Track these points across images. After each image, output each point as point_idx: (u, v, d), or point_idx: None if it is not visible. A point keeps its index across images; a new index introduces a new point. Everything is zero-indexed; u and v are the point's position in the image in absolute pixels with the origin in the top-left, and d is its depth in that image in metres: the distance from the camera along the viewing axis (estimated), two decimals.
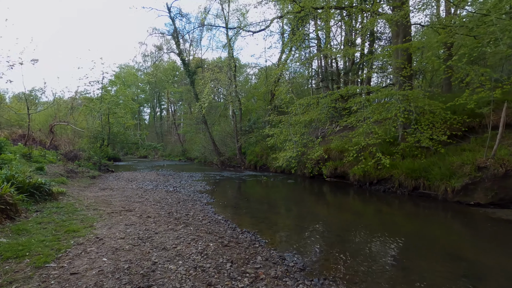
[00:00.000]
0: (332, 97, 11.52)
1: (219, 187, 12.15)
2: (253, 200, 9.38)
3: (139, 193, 9.60)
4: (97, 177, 13.94)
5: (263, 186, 13.03)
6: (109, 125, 28.24)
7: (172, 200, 8.52)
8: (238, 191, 11.46)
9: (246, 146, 22.69)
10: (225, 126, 24.78)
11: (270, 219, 6.94)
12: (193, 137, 33.89)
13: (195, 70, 23.01)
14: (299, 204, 9.04)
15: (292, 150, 10.87)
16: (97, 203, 6.94)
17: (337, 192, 11.47)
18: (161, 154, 39.35)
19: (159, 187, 11.41)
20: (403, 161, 10.97)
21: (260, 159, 20.91)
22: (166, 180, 14.00)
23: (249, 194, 10.79)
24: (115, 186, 11.13)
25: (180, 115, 45.10)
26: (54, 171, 10.91)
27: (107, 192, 9.39)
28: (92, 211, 5.87)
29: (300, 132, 11.44)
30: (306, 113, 12.39)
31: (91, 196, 8.27)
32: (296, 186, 13.40)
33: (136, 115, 50.00)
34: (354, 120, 10.00)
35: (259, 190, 11.79)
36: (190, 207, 7.62)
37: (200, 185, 12.38)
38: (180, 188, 11.35)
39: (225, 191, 11.19)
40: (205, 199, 9.04)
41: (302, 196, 10.94)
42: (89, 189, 9.82)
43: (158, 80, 45.26)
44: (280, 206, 8.70)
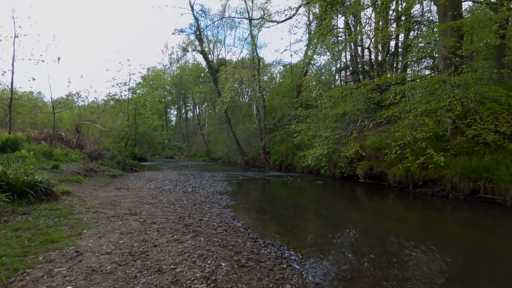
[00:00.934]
0: (367, 87, 9.99)
1: (241, 188, 11.05)
2: (278, 203, 8.14)
3: (154, 193, 8.76)
4: (118, 177, 13.45)
5: (289, 187, 11.74)
6: (136, 125, 28.44)
7: (188, 202, 7.53)
8: (261, 192, 10.28)
9: (270, 145, 21.48)
10: (249, 125, 23.76)
11: (299, 227, 5.68)
12: (217, 137, 33.29)
13: (218, 67, 22.26)
14: (330, 209, 7.66)
15: (322, 147, 9.51)
16: (102, 204, 6.10)
17: (373, 195, 9.89)
18: (186, 155, 39.30)
19: (177, 187, 10.55)
20: (456, 159, 9.18)
21: (285, 159, 19.59)
22: (187, 180, 13.18)
23: (273, 196, 9.57)
24: (132, 186, 10.43)
25: (204, 115, 44.94)
26: (71, 170, 10.45)
27: (120, 192, 8.65)
28: (90, 215, 4.99)
29: (331, 127, 10.03)
30: (337, 106, 10.94)
31: (102, 196, 7.52)
32: (325, 187, 11.95)
33: (163, 116, 50.74)
34: (397, 112, 8.42)
35: (285, 192, 10.52)
36: (206, 211, 6.57)
37: (221, 185, 11.37)
38: (199, 188, 10.40)
39: (248, 193, 10.06)
40: (224, 202, 7.96)
41: (334, 199, 9.51)
42: (103, 189, 9.16)
43: (184, 82, 45.47)
44: (309, 211, 7.38)
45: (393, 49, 17.35)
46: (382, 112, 9.34)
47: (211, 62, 21.79)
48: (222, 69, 25.31)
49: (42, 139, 15.73)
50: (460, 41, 7.89)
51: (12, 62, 11.82)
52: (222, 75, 22.70)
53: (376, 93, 10.28)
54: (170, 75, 48.00)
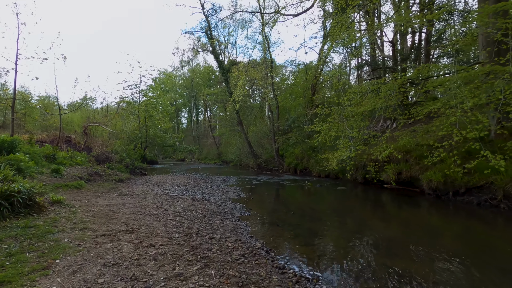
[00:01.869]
0: (398, 81, 8.70)
1: (256, 195, 9.91)
2: (299, 213, 6.95)
3: (160, 201, 7.73)
4: (124, 181, 12.55)
5: (308, 194, 10.52)
6: (146, 127, 27.76)
7: (197, 212, 6.44)
8: (278, 200, 9.11)
9: (284, 147, 20.28)
10: (261, 127, 22.64)
11: (335, 248, 4.49)
12: (229, 140, 32.35)
13: (229, 67, 21.28)
14: (360, 222, 6.41)
15: (348, 148, 8.27)
16: (95, 217, 5.08)
17: (405, 204, 8.56)
18: (197, 157, 38.52)
19: (186, 194, 9.51)
20: (508, 163, 7.76)
21: (300, 162, 18.34)
22: (197, 184, 12.15)
23: (293, 204, 8.39)
24: (137, 192, 9.46)
25: (215, 118, 44.13)
26: (73, 174, 9.57)
27: (123, 200, 7.66)
28: (74, 233, 3.96)
29: (358, 126, 8.77)
30: (364, 102, 9.68)
31: (100, 205, 6.54)
32: (348, 194, 10.67)
33: (175, 119, 50.30)
34: (438, 107, 7.10)
35: (305, 200, 9.31)
36: (218, 224, 5.46)
37: (233, 191, 10.26)
38: (210, 195, 9.32)
39: (263, 200, 8.91)
40: (238, 212, 6.84)
41: (361, 209, 8.22)
42: (105, 195, 8.20)
43: (195, 84, 44.89)
44: (338, 224, 6.15)
45: (416, 43, 15.94)
46: (419, 108, 8.02)
47: (222, 61, 20.85)
48: (234, 69, 24.42)
49: (49, 141, 15.07)
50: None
51: (15, 61, 11.09)
52: (234, 73, 21.76)
53: (409, 88, 8.96)
54: (181, 78, 47.55)
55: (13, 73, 11.18)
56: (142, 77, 27.33)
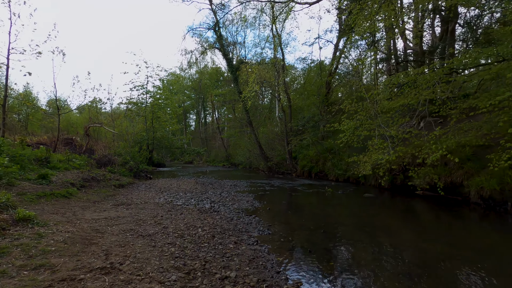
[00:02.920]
0: (439, 71, 7.16)
1: (272, 203, 8.46)
2: (331, 231, 5.47)
3: (160, 213, 6.37)
4: (126, 186, 11.28)
5: (332, 202, 9.01)
6: (153, 129, 26.65)
7: (204, 230, 5.04)
8: (299, 211, 7.63)
9: (297, 149, 18.77)
10: (272, 127, 21.19)
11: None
12: (237, 142, 31.02)
13: (238, 66, 19.97)
14: (406, 242, 4.87)
15: (384, 150, 6.76)
16: (68, 243, 3.73)
17: (454, 217, 6.97)
18: (205, 160, 37.31)
19: (192, 202, 8.14)
20: None
21: (315, 165, 16.81)
22: (204, 191, 10.78)
23: (318, 217, 6.91)
24: (136, 200, 8.14)
25: (224, 119, 42.89)
26: (65, 180, 8.31)
27: (116, 212, 6.32)
28: (19, 278, 2.60)
29: (395, 123, 7.25)
30: (397, 97, 8.16)
31: (86, 220, 5.21)
32: (378, 203, 9.11)
33: (183, 121, 49.33)
34: (500, 99, 5.56)
35: (331, 211, 7.81)
36: (232, 250, 4.05)
37: (246, 199, 8.84)
38: (220, 204, 7.92)
39: (282, 212, 7.45)
40: (255, 229, 5.41)
41: (401, 223, 6.66)
42: (97, 206, 6.89)
43: (203, 86, 43.83)
44: (383, 247, 4.63)
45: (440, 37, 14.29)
46: (472, 101, 6.47)
47: (230, 59, 19.56)
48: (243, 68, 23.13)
49: (49, 144, 13.99)
50: None
51: (7, 55, 9.97)
52: (243, 71, 20.43)
53: (446, 78, 7.37)
54: (189, 80, 46.56)
55: (5, 68, 10.03)
56: (149, 77, 26.30)
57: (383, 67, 15.33)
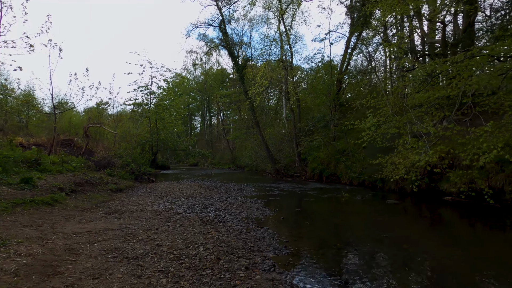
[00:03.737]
0: (483, 58, 6.05)
1: (285, 211, 7.39)
2: (369, 251, 4.38)
3: (156, 225, 5.35)
4: (124, 190, 10.33)
5: (353, 210, 7.89)
6: (158, 131, 25.81)
7: (207, 249, 4.00)
8: (318, 221, 6.54)
9: (306, 151, 17.65)
10: (280, 128, 20.12)
11: None
12: (243, 144, 30.04)
13: (244, 64, 19.00)
14: (454, 261, 3.75)
15: (422, 149, 5.64)
16: (22, 276, 2.75)
17: (503, 229, 5.80)
18: (210, 162, 36.35)
19: (194, 210, 7.11)
20: None
21: (326, 167, 15.67)
22: (209, 195, 9.76)
23: (341, 229, 5.82)
24: (132, 207, 7.15)
25: (229, 121, 41.94)
26: (53, 184, 7.37)
27: (104, 223, 5.33)
28: None
29: (432, 118, 6.14)
30: (425, 90, 7.05)
31: (64, 234, 4.23)
32: (406, 211, 7.97)
33: (188, 123, 48.60)
34: None
35: (353, 220, 6.69)
36: (243, 282, 3.00)
37: (255, 206, 7.78)
38: (226, 212, 6.88)
39: (298, 222, 6.35)
40: (270, 247, 4.34)
41: (439, 235, 5.50)
42: (83, 215, 5.91)
43: (208, 87, 43.06)
44: (432, 272, 3.53)
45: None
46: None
47: (237, 57, 18.62)
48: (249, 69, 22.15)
49: (47, 145, 13.18)
50: None
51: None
52: (249, 73, 19.46)
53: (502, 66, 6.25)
54: (194, 81, 45.84)
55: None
56: (153, 78, 25.51)
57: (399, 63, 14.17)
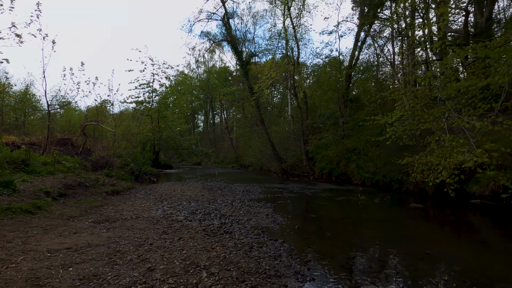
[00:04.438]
0: None
1: (299, 218, 6.48)
2: (418, 277, 3.48)
3: (151, 238, 4.49)
4: (121, 192, 9.50)
5: (374, 215, 6.96)
6: (160, 129, 25.00)
7: (211, 276, 3.11)
8: (341, 231, 5.62)
9: (314, 149, 16.71)
10: (286, 126, 19.19)
11: None
12: (247, 142, 29.15)
13: (249, 59, 18.08)
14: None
15: (465, 149, 4.70)
16: None
17: None
18: (213, 161, 35.54)
19: (196, 217, 6.24)
20: None
21: (336, 167, 14.73)
22: (212, 198, 8.88)
23: (375, 244, 4.91)
24: (126, 214, 6.29)
25: (233, 118, 41.00)
26: (38, 188, 6.54)
27: (89, 236, 4.47)
28: None
29: (472, 110, 5.18)
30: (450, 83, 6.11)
31: (38, 253, 3.38)
32: (434, 217, 7.02)
33: (191, 122, 47.81)
34: None
35: (382, 230, 5.75)
36: None
37: (264, 211, 6.89)
38: (232, 220, 5.99)
39: (317, 232, 5.43)
40: (289, 269, 3.44)
41: (489, 253, 4.58)
42: (68, 225, 5.06)
43: (211, 85, 42.19)
44: None
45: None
46: None
47: (241, 52, 17.69)
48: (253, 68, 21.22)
49: (40, 143, 12.40)
50: None
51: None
52: (253, 69, 18.53)
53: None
54: (197, 79, 44.97)
55: None
56: (155, 75, 24.69)
57: (433, 47, 13.21)
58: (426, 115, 5.74)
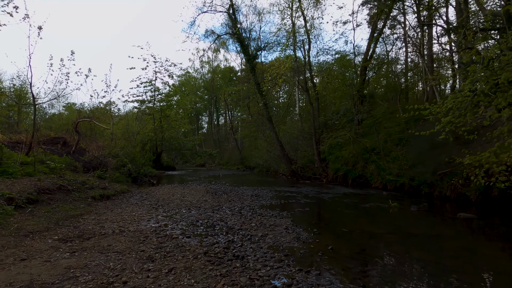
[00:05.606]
0: None
1: (328, 233, 4.99)
2: None
3: (128, 270, 3.06)
4: (112, 197, 8.12)
5: (422, 228, 5.44)
6: (162, 129, 23.74)
7: None
8: (389, 252, 4.14)
9: (326, 150, 15.21)
10: (295, 124, 17.73)
11: None
12: (252, 143, 27.72)
13: (255, 53, 16.72)
14: None
15: None
16: None
17: None
18: (218, 162, 34.14)
19: (197, 231, 4.81)
20: None
21: (352, 168, 13.20)
22: (217, 205, 7.44)
23: (445, 276, 3.42)
24: (107, 227, 4.89)
25: (238, 118, 39.57)
26: (1, 193, 5.17)
27: (39, 267, 3.07)
28: None
29: None
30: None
31: None
32: (495, 230, 5.49)
33: (195, 123, 46.58)
34: None
35: (442, 251, 4.24)
36: None
37: (281, 223, 5.43)
38: (243, 236, 4.54)
39: (361, 258, 3.94)
40: None
41: None
42: (20, 246, 3.67)
43: (215, 86, 40.95)
44: None
45: None
46: None
47: (246, 46, 16.33)
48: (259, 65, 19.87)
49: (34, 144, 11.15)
50: None
51: None
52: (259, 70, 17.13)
53: None
54: (201, 79, 43.77)
55: None
56: (158, 73, 23.49)
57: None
58: (499, 98, 4.26)
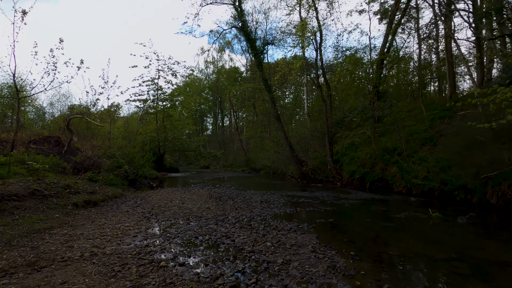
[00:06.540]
0: None
1: (371, 258, 3.65)
2: None
3: None
4: (99, 204, 6.91)
5: (488, 250, 4.07)
6: (165, 129, 22.62)
7: None
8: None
9: (340, 151, 13.85)
10: (303, 123, 16.40)
11: None
12: (258, 144, 26.45)
13: (263, 48, 15.49)
14: None
15: None
16: None
17: None
18: (223, 164, 32.90)
19: (195, 253, 3.52)
20: None
21: (370, 171, 11.81)
22: (221, 214, 6.16)
23: None
24: (77, 247, 3.63)
25: (244, 118, 38.32)
26: None
27: None
28: None
29: None
30: None
31: None
32: None
33: (199, 124, 45.51)
34: None
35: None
36: None
37: (305, 242, 4.12)
38: (258, 263, 3.24)
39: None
40: None
41: None
42: None
43: (220, 87, 39.87)
44: None
45: None
46: None
47: (254, 40, 15.10)
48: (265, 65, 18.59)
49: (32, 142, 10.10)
50: None
51: None
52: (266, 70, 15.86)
53: None
54: (206, 80, 42.75)
55: None
56: (161, 71, 22.41)
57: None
58: None
